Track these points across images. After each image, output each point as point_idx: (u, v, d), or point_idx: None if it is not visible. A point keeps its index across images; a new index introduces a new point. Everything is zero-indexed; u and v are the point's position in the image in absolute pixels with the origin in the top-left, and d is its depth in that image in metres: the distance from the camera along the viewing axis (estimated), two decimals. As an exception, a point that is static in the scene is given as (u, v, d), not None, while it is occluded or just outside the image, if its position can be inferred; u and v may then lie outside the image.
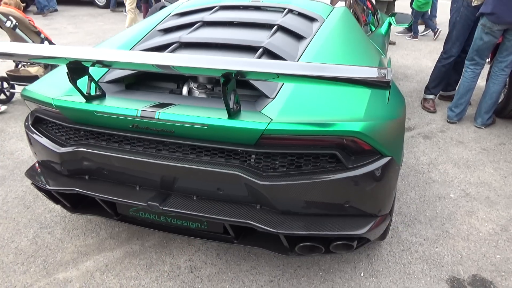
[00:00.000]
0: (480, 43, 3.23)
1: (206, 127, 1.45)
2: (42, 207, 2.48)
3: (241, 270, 2.00)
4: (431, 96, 3.94)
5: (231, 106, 1.38)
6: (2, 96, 4.02)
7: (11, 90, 4.03)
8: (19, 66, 4.03)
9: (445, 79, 3.90)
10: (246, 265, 2.03)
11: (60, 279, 1.95)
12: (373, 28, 3.16)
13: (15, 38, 3.96)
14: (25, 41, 3.92)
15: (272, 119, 1.42)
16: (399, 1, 6.47)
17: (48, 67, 4.02)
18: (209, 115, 1.46)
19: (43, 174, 1.89)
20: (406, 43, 6.40)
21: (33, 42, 3.98)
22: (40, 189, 1.87)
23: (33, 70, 3.95)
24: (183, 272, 1.99)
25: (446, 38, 3.69)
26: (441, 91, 4.08)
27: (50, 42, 4.24)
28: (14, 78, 3.90)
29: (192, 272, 1.99)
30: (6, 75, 3.90)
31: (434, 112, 3.88)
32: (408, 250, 2.13)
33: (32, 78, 3.89)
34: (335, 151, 1.44)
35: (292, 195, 1.50)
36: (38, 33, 4.08)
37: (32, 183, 1.87)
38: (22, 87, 3.95)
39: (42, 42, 4.06)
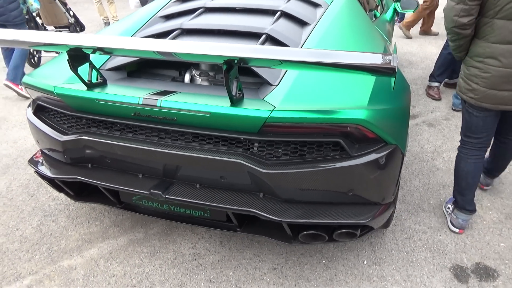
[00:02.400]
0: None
1: (208, 115, 1.44)
2: (46, 195, 2.49)
3: (244, 258, 2.01)
4: (436, 84, 3.89)
5: (233, 93, 1.36)
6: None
7: (39, 55, 4.64)
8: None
9: (450, 67, 3.84)
10: (249, 252, 2.04)
11: (65, 267, 1.97)
12: (378, 14, 3.11)
13: (49, 10, 4.77)
14: (62, 11, 4.83)
15: (275, 107, 1.41)
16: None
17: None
18: (212, 103, 1.44)
19: (46, 162, 1.89)
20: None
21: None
22: (43, 177, 1.88)
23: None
24: (186, 260, 2.00)
25: None
26: (446, 79, 4.02)
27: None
28: None
29: (195, 259, 2.00)
30: None
31: (439, 99, 3.84)
32: (412, 238, 2.13)
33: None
34: (339, 139, 1.43)
35: (295, 184, 1.49)
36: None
37: (36, 172, 1.88)
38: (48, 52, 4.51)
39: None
